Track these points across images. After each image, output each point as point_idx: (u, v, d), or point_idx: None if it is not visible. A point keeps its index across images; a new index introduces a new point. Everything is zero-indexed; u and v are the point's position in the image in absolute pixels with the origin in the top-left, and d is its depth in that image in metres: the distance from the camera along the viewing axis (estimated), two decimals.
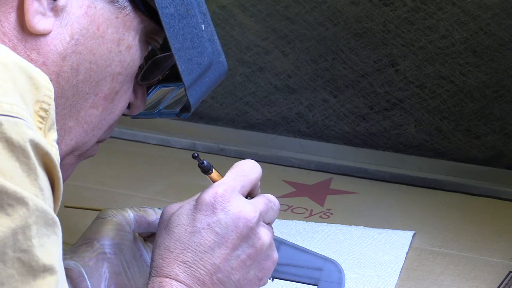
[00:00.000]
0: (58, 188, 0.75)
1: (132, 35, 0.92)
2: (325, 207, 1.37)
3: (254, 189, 0.98)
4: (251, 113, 1.62)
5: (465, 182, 1.44)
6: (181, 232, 0.92)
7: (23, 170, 0.70)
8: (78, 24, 0.88)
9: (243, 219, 0.92)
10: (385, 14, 1.47)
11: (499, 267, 1.17)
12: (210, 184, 0.96)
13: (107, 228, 1.02)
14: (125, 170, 1.49)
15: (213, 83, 1.00)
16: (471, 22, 1.42)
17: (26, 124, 0.71)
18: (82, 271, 0.98)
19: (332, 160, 1.53)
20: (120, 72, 0.92)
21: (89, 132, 0.94)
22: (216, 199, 0.92)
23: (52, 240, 0.71)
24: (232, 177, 0.95)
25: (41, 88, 0.75)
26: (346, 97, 1.55)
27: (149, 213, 1.06)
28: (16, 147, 0.69)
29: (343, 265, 1.17)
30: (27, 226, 0.69)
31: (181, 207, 0.94)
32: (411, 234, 1.25)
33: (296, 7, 1.53)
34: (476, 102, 1.46)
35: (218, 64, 1.00)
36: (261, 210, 0.94)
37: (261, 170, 0.98)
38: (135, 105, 1.00)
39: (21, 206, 0.69)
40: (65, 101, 0.89)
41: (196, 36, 0.97)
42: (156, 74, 1.01)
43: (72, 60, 0.88)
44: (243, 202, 0.93)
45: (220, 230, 0.91)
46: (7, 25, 0.85)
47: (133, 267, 1.01)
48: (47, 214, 0.71)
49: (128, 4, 0.91)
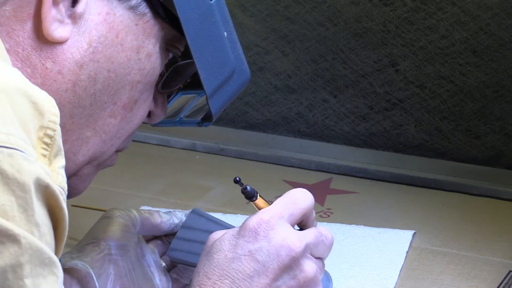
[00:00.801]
0: (61, 220, 0.71)
1: (152, 43, 0.89)
2: (325, 207, 1.37)
3: (307, 220, 0.94)
4: (251, 113, 1.62)
5: (465, 182, 1.44)
6: (221, 258, 0.89)
7: (19, 205, 0.67)
8: (96, 31, 0.85)
9: (286, 248, 0.88)
10: (385, 14, 1.47)
11: (499, 267, 1.17)
12: (254, 212, 0.92)
13: (114, 228, 1.01)
14: (125, 170, 1.49)
15: (235, 91, 0.97)
16: (471, 22, 1.42)
17: (23, 156, 0.67)
18: (90, 272, 0.97)
19: (332, 160, 1.53)
20: (139, 80, 0.89)
21: (107, 142, 0.91)
22: (260, 226, 0.89)
23: (50, 281, 0.68)
24: (280, 205, 0.92)
25: (45, 113, 0.71)
26: (346, 97, 1.55)
27: (154, 216, 1.06)
28: (11, 180, 0.66)
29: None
30: (18, 265, 0.66)
31: (225, 232, 0.91)
32: (411, 233, 1.25)
33: (296, 7, 1.53)
34: (476, 102, 1.46)
35: (240, 72, 0.97)
36: (308, 242, 0.90)
37: (313, 199, 0.94)
38: (156, 113, 0.97)
39: (12, 243, 0.65)
40: (82, 110, 0.86)
41: (218, 44, 0.94)
42: (178, 82, 0.98)
43: (90, 68, 0.85)
44: (289, 231, 0.90)
45: (261, 258, 0.88)
46: (22, 34, 0.82)
47: (137, 269, 1.01)
48: (42, 253, 0.67)
49: (148, 11, 0.88)
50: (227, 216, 1.27)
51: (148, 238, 1.08)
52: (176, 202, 1.39)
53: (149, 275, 1.02)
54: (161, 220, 1.06)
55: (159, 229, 1.07)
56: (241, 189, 0.94)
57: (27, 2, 0.83)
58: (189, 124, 1.02)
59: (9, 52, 0.82)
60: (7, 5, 0.82)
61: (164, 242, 1.08)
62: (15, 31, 0.82)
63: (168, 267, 1.06)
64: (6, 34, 0.82)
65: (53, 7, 0.83)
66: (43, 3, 0.82)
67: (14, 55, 0.82)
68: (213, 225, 1.06)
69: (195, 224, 1.06)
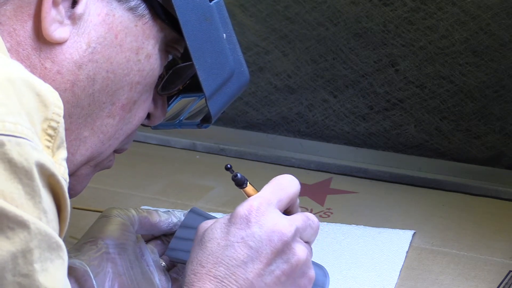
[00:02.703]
0: (64, 209, 0.73)
1: (152, 44, 0.90)
2: (325, 207, 1.37)
3: (293, 205, 0.96)
4: (251, 113, 1.62)
5: (465, 182, 1.44)
6: (213, 246, 0.90)
7: (26, 192, 0.68)
8: (95, 32, 0.86)
9: (278, 233, 0.90)
10: (385, 14, 1.47)
11: (499, 266, 1.17)
12: (244, 199, 0.94)
13: (112, 227, 1.01)
14: (125, 169, 1.49)
15: (234, 93, 0.98)
16: (471, 22, 1.42)
17: (30, 144, 0.69)
18: (88, 270, 0.97)
19: (332, 160, 1.53)
20: (138, 81, 0.90)
21: (105, 142, 0.91)
22: (250, 212, 0.90)
23: (57, 264, 0.69)
24: (268, 191, 0.93)
25: (49, 105, 0.72)
26: (346, 97, 1.55)
27: (153, 215, 1.06)
28: (19, 168, 0.67)
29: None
30: (28, 250, 0.67)
31: (216, 221, 0.92)
32: (411, 233, 1.25)
33: (296, 7, 1.53)
34: (476, 102, 1.46)
35: (239, 74, 0.98)
36: (298, 226, 0.92)
37: (299, 185, 0.96)
38: (155, 115, 0.97)
39: (22, 229, 0.67)
40: (80, 110, 0.87)
41: (217, 45, 0.94)
42: (177, 84, 0.99)
43: (89, 68, 0.85)
44: (279, 216, 0.91)
45: (254, 244, 0.89)
46: (23, 34, 0.83)
47: (136, 268, 1.01)
48: (50, 238, 0.69)
49: (147, 12, 0.88)
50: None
51: (147, 238, 1.08)
52: (176, 202, 1.39)
53: (148, 274, 1.02)
54: (160, 220, 1.06)
55: (158, 229, 1.07)
56: (231, 176, 0.95)
57: (28, 2, 0.83)
58: (188, 126, 1.02)
59: (10, 51, 0.82)
60: (8, 5, 0.83)
61: (163, 242, 1.08)
62: (16, 31, 0.83)
63: (167, 266, 1.06)
64: (7, 33, 0.83)
65: (53, 8, 0.83)
66: (43, 4, 0.82)
67: (15, 55, 0.83)
68: None
69: (194, 223, 1.06)
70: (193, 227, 1.06)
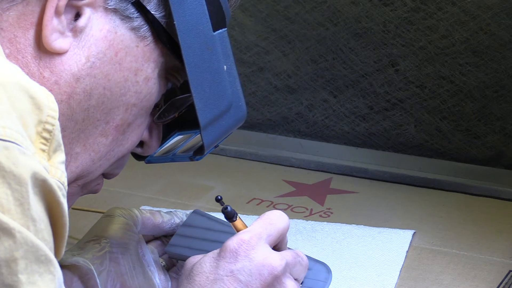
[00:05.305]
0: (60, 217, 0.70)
1: (151, 67, 0.88)
2: (325, 207, 1.37)
3: (282, 241, 0.96)
4: (251, 113, 1.62)
5: (465, 182, 1.44)
6: (202, 280, 0.89)
7: (15, 198, 0.65)
8: (95, 47, 0.84)
9: (268, 267, 0.89)
10: (385, 14, 1.47)
11: (499, 266, 1.17)
12: (233, 232, 0.94)
13: (115, 227, 1.01)
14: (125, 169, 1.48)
15: (230, 127, 0.95)
16: (471, 22, 1.42)
17: (19, 149, 0.66)
18: (91, 268, 0.97)
19: (332, 160, 1.53)
20: (135, 103, 0.88)
21: (96, 162, 0.89)
22: (240, 246, 0.90)
23: (46, 279, 0.66)
24: (259, 226, 0.93)
25: (43, 108, 0.71)
26: (346, 97, 1.55)
27: (155, 216, 1.06)
28: (7, 173, 0.65)
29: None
30: (13, 260, 0.64)
31: (205, 255, 0.92)
32: (411, 233, 1.25)
33: (296, 7, 1.53)
34: (476, 102, 1.46)
35: (237, 109, 0.95)
36: (288, 261, 0.92)
37: (289, 221, 0.96)
38: (149, 145, 0.96)
39: (7, 237, 0.64)
40: (74, 124, 0.85)
41: (217, 76, 0.92)
42: (173, 112, 0.97)
43: (86, 83, 0.84)
44: (269, 250, 0.91)
45: (244, 278, 0.89)
46: (23, 41, 0.82)
47: (137, 267, 1.01)
48: (38, 250, 0.66)
49: (149, 35, 0.87)
50: None
51: (148, 238, 1.08)
52: (176, 202, 1.39)
53: (148, 274, 1.02)
54: (163, 220, 1.06)
55: (160, 229, 1.07)
56: (221, 208, 0.95)
57: (31, 10, 0.83)
58: (182, 159, 1.00)
59: (9, 57, 0.81)
60: (11, 11, 0.82)
61: (164, 242, 1.09)
62: (17, 38, 0.82)
63: (167, 265, 1.07)
64: (8, 40, 0.82)
65: (55, 17, 0.82)
66: (45, 12, 0.82)
67: (14, 61, 0.82)
68: (215, 223, 1.06)
69: (196, 222, 1.06)
70: (195, 225, 1.06)
